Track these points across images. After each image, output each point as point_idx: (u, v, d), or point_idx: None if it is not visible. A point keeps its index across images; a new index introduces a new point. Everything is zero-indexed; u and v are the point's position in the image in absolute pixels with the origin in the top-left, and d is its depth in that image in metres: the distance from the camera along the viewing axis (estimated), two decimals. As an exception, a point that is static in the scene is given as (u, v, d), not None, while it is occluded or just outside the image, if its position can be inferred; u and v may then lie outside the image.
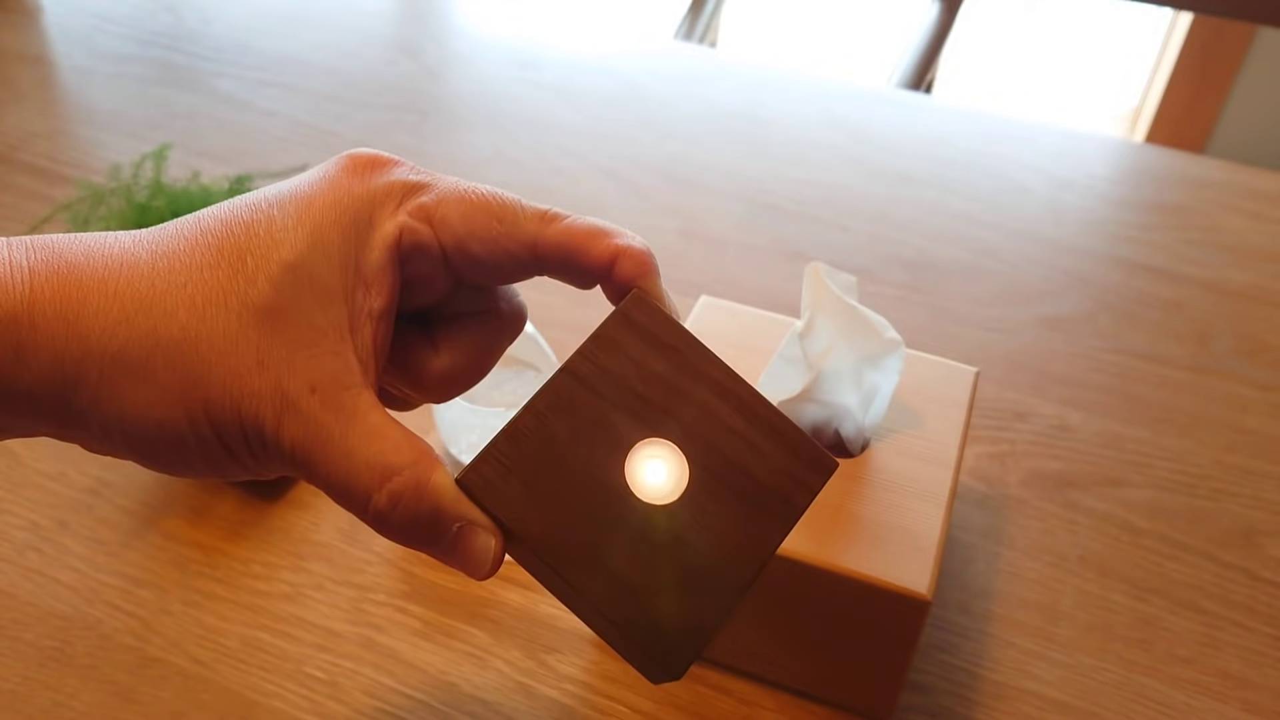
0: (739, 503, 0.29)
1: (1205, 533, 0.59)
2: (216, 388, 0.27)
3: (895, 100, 0.95)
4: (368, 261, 0.29)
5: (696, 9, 1.48)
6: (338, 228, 0.28)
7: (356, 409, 0.28)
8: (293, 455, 0.27)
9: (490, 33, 1.01)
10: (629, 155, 0.86)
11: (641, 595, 0.28)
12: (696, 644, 0.28)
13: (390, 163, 0.30)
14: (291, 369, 0.27)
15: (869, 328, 0.49)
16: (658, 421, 0.29)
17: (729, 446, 0.30)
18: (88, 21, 1.00)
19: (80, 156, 0.83)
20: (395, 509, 0.27)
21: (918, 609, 0.44)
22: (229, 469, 0.29)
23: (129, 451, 0.28)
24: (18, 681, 0.50)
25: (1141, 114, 2.02)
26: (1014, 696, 0.51)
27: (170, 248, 0.28)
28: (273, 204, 0.29)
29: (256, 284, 0.27)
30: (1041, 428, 0.65)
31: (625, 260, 0.30)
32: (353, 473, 0.27)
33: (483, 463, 0.28)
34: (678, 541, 0.28)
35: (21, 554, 0.55)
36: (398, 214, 0.29)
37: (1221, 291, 0.75)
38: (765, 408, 0.30)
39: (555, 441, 0.29)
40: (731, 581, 0.28)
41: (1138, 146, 0.92)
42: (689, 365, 0.30)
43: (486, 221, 0.30)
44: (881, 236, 0.79)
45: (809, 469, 0.30)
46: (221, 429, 0.27)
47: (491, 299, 0.33)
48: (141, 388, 0.27)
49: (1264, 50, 1.77)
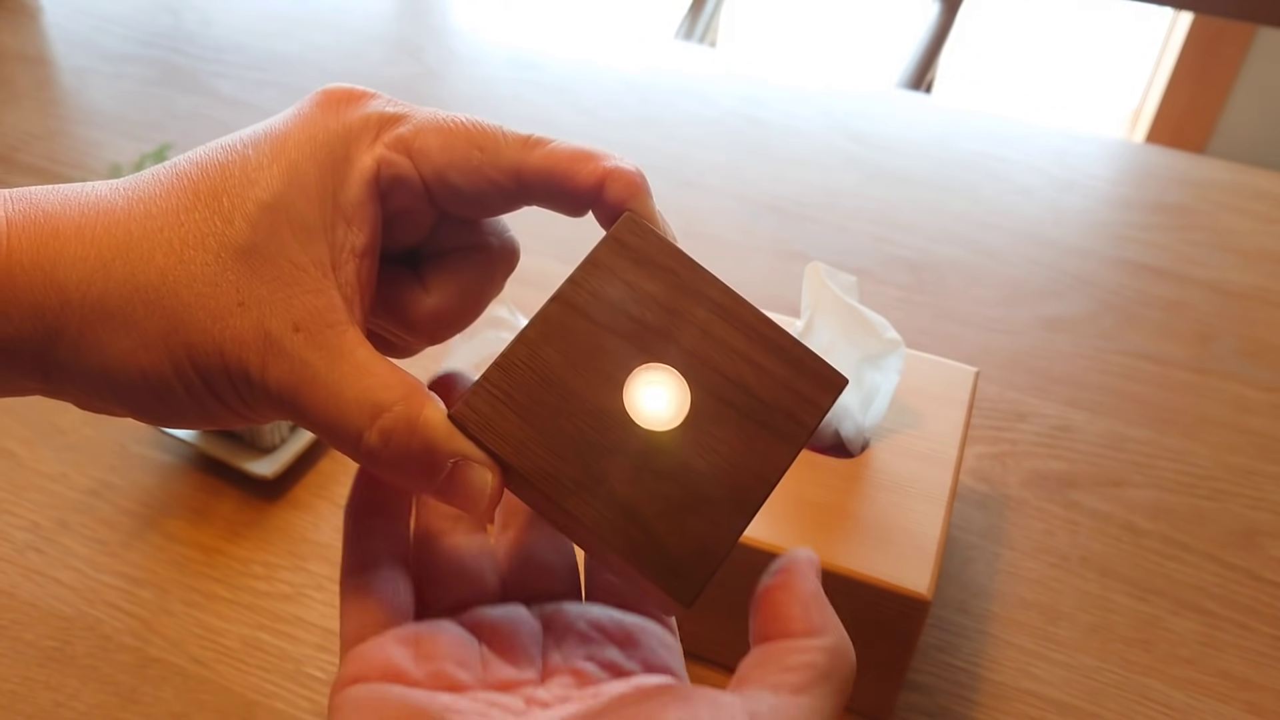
0: (744, 424, 0.28)
1: (1207, 533, 0.59)
2: (198, 331, 0.26)
3: (895, 100, 0.95)
4: (347, 196, 0.28)
5: (696, 9, 1.48)
6: (313, 163, 0.28)
7: (342, 346, 0.27)
8: (280, 396, 0.27)
9: (490, 33, 1.01)
10: (629, 155, 0.85)
11: (646, 521, 0.27)
12: (707, 568, 0.27)
13: (365, 95, 0.30)
14: (273, 308, 0.27)
15: (869, 328, 0.49)
16: (656, 345, 0.28)
17: (731, 367, 0.29)
18: (88, 21, 1.00)
19: (80, 157, 0.83)
20: (387, 446, 0.27)
21: (918, 609, 0.44)
22: (220, 415, 0.28)
23: (118, 404, 0.28)
24: (18, 681, 0.50)
25: (1142, 114, 2.02)
26: (1014, 696, 0.51)
27: (146, 193, 0.27)
28: (247, 144, 0.28)
29: (234, 224, 0.27)
30: (1043, 428, 0.65)
31: (614, 182, 0.29)
32: (342, 411, 0.27)
33: (475, 396, 0.27)
34: (681, 466, 0.27)
35: (22, 554, 0.55)
36: (375, 146, 0.29)
37: (1224, 292, 0.75)
38: (768, 326, 0.29)
39: (549, 371, 0.28)
40: (740, 504, 0.27)
41: (1139, 147, 0.92)
42: (686, 286, 0.29)
43: (467, 150, 0.29)
44: (882, 237, 0.79)
45: (816, 386, 0.29)
46: (206, 373, 0.27)
47: (480, 234, 0.32)
48: (123, 335, 0.26)
49: (1264, 50, 1.77)
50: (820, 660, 0.26)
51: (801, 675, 0.25)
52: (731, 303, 0.29)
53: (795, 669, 0.26)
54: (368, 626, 0.28)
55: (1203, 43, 1.80)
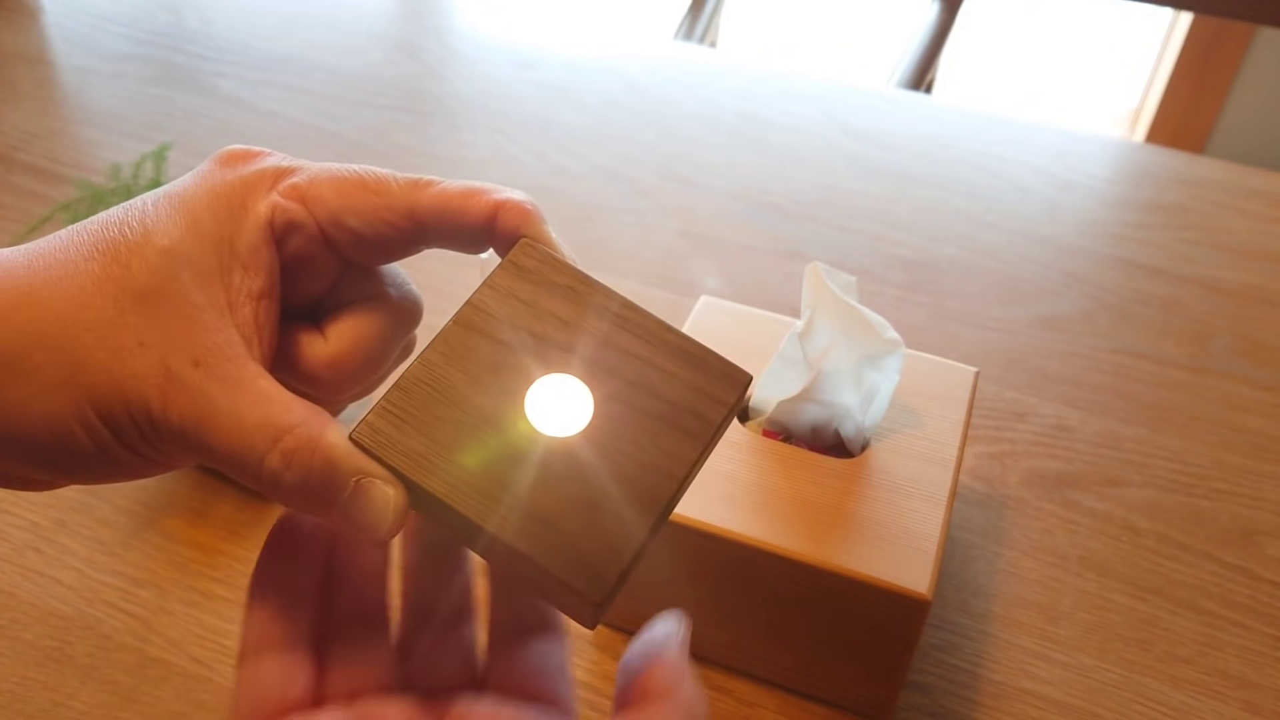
0: (649, 423, 0.28)
1: (1205, 532, 0.59)
2: (99, 372, 0.27)
3: (895, 100, 0.95)
4: (242, 242, 0.29)
5: (696, 9, 1.48)
6: (210, 213, 0.29)
7: (243, 377, 0.27)
8: (183, 431, 0.27)
9: (490, 33, 1.01)
10: (629, 155, 0.86)
11: (553, 523, 0.27)
12: (617, 564, 0.27)
13: (260, 153, 0.31)
14: (173, 346, 0.27)
15: (869, 328, 0.49)
16: (557, 358, 0.29)
17: (634, 372, 0.29)
18: (88, 21, 1.00)
19: (80, 156, 0.83)
20: (289, 467, 0.27)
21: (918, 609, 0.44)
22: (127, 462, 0.28)
23: (20, 457, 0.28)
24: (18, 681, 0.50)
25: (1141, 114, 2.02)
26: (1014, 696, 0.51)
27: (47, 249, 0.28)
28: (147, 201, 0.29)
29: (132, 269, 0.27)
30: (1041, 427, 0.65)
31: (506, 213, 0.30)
32: (244, 438, 0.27)
33: (375, 417, 0.28)
34: (587, 468, 0.27)
35: (21, 554, 0.55)
36: (269, 195, 0.30)
37: (1220, 291, 0.75)
38: (670, 333, 0.29)
39: (450, 388, 0.28)
40: (647, 500, 0.27)
41: (1137, 146, 0.92)
42: (585, 301, 0.29)
43: (360, 194, 0.30)
44: (881, 236, 0.79)
45: (721, 384, 0.29)
46: (108, 414, 0.27)
47: (379, 285, 0.32)
48: (22, 382, 0.26)
49: (1264, 50, 1.77)
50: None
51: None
52: (632, 313, 0.30)
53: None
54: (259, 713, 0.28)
55: (1202, 43, 1.80)
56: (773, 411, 0.49)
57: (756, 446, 0.49)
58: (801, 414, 0.49)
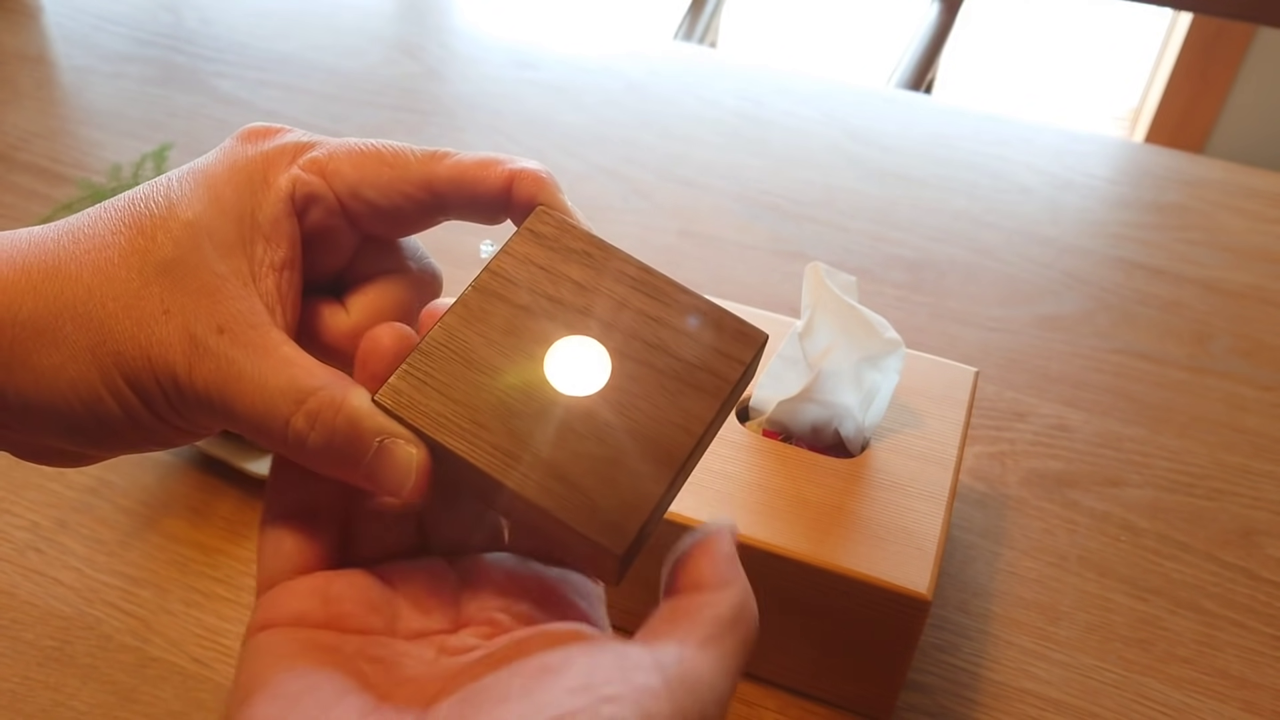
0: (666, 382, 0.29)
1: (1204, 532, 0.59)
2: (125, 339, 0.27)
3: (895, 100, 0.95)
4: (264, 214, 0.30)
5: (696, 9, 1.48)
6: (232, 187, 0.30)
7: (266, 343, 0.28)
8: (208, 396, 0.28)
9: (490, 33, 1.01)
10: (629, 155, 0.86)
11: (573, 480, 0.27)
12: (637, 517, 0.27)
13: (280, 130, 0.32)
14: (197, 314, 0.28)
15: (869, 328, 0.49)
16: (574, 320, 0.29)
17: (650, 332, 0.29)
18: (88, 21, 1.00)
19: (80, 156, 0.83)
20: (313, 428, 0.27)
21: (918, 609, 0.44)
22: (153, 427, 0.29)
23: (53, 427, 0.28)
24: (18, 681, 0.50)
25: (1141, 114, 2.02)
26: (1014, 696, 0.51)
27: (75, 225, 0.29)
28: (171, 178, 0.30)
29: (157, 241, 0.28)
30: (1041, 427, 0.65)
31: (521, 182, 0.31)
32: (268, 402, 0.27)
33: (397, 379, 0.28)
34: (605, 426, 0.28)
35: (21, 554, 0.55)
36: (290, 168, 0.30)
37: (1220, 291, 0.75)
38: (685, 294, 0.30)
39: (470, 351, 0.29)
40: (665, 456, 0.28)
41: (1137, 146, 0.92)
42: (601, 266, 0.30)
43: (377, 167, 0.31)
44: (881, 236, 0.79)
45: (735, 342, 0.30)
46: (135, 380, 0.28)
47: (399, 259, 0.33)
48: (52, 350, 0.27)
49: (1264, 50, 1.77)
50: (725, 614, 0.27)
51: (708, 629, 0.26)
52: (647, 276, 0.30)
53: (702, 623, 0.26)
54: (281, 572, 0.29)
55: (1202, 43, 1.80)
56: (773, 411, 0.49)
57: (756, 446, 0.49)
58: (801, 414, 0.49)
